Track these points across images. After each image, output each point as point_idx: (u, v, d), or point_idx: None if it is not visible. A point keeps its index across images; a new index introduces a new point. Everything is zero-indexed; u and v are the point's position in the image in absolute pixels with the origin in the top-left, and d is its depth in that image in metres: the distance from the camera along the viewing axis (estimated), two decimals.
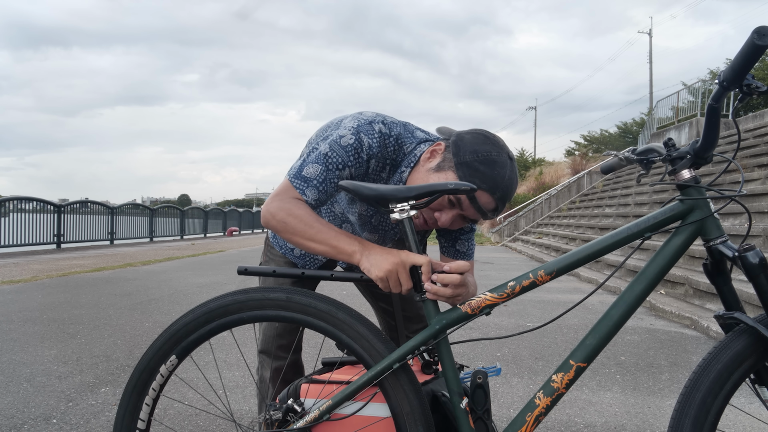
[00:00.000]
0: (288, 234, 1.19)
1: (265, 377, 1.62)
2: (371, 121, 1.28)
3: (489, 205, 1.23)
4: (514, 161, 1.26)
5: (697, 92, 15.21)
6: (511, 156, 1.26)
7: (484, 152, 1.22)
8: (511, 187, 1.24)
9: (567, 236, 12.45)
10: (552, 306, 5.44)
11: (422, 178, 1.27)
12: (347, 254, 1.15)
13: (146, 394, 1.16)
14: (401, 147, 1.32)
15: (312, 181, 1.22)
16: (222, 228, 22.90)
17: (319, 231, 1.17)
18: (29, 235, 11.48)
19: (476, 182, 1.20)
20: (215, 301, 1.16)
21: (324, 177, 1.23)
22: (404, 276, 1.11)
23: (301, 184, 1.22)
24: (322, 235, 1.17)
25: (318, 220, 1.19)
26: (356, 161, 1.25)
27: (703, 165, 1.09)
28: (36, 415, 2.33)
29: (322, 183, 1.23)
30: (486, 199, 1.22)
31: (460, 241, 1.46)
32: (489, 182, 1.21)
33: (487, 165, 1.21)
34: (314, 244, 1.17)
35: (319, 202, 1.25)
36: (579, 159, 23.70)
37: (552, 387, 1.09)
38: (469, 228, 1.46)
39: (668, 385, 2.94)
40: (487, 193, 1.22)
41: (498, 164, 1.22)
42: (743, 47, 0.93)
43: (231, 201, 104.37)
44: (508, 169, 1.23)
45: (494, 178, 1.21)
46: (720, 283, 1.09)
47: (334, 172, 1.23)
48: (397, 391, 1.09)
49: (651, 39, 27.99)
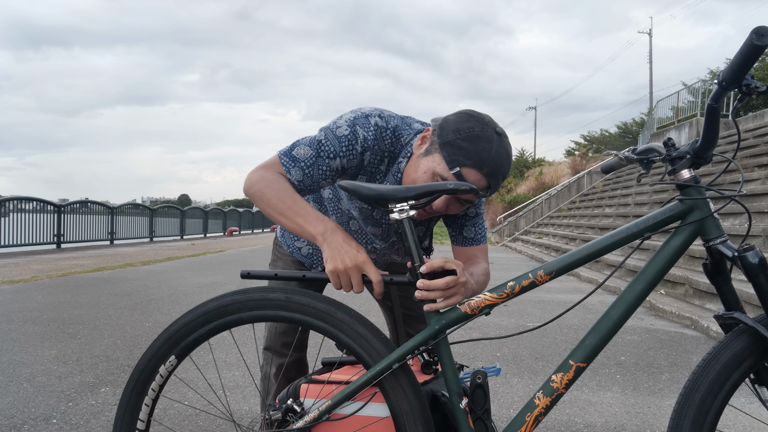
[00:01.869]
0: (262, 204, 1.22)
1: (268, 374, 1.63)
2: (368, 114, 1.30)
3: (479, 182, 1.21)
4: (503, 136, 1.22)
5: (697, 92, 15.20)
6: (500, 131, 1.22)
7: (466, 129, 1.20)
8: (499, 161, 1.20)
9: (567, 236, 12.45)
10: (552, 306, 5.44)
11: (413, 165, 1.27)
12: (311, 236, 1.16)
13: (146, 394, 1.16)
14: (398, 139, 1.33)
15: (300, 162, 1.25)
16: (222, 228, 22.89)
17: (289, 207, 1.18)
18: (29, 235, 11.47)
19: (460, 159, 1.18)
20: (214, 302, 1.15)
21: (313, 162, 1.25)
22: (356, 279, 1.11)
23: (288, 162, 1.25)
24: (292, 211, 1.18)
25: (293, 197, 1.20)
26: (349, 153, 1.27)
27: (702, 165, 1.09)
28: (36, 415, 2.33)
29: (310, 167, 1.25)
30: (474, 176, 1.20)
31: (467, 227, 1.44)
32: (473, 158, 1.18)
33: (470, 141, 1.18)
34: (284, 219, 1.19)
35: (303, 185, 1.26)
36: (579, 159, 23.70)
37: (551, 387, 1.09)
38: (474, 213, 1.44)
39: (668, 385, 2.94)
40: (474, 170, 1.19)
41: (482, 139, 1.19)
42: (742, 47, 0.93)
43: (231, 201, 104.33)
44: (494, 143, 1.20)
45: (479, 154, 1.18)
46: (720, 283, 1.09)
47: (324, 159, 1.25)
48: (396, 391, 1.09)
49: (651, 39, 28.02)
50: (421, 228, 1.51)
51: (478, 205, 1.44)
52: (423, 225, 1.51)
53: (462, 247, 1.44)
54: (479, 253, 1.44)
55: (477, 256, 1.43)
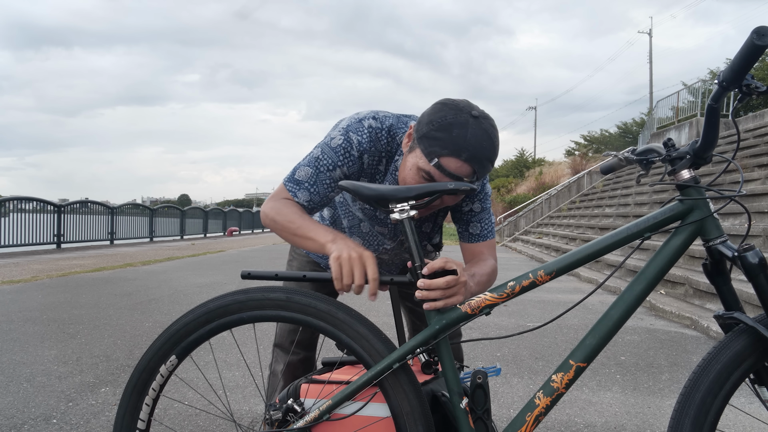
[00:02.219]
0: (278, 230, 1.28)
1: (276, 371, 1.66)
2: (362, 118, 1.33)
3: (461, 169, 1.18)
4: (481, 118, 1.19)
5: (697, 92, 15.20)
6: (477, 114, 1.19)
7: (439, 119, 1.19)
8: (478, 144, 1.17)
9: (567, 236, 12.45)
10: (552, 306, 5.44)
11: (402, 162, 1.28)
12: (321, 245, 1.19)
13: (146, 394, 1.17)
14: (394, 138, 1.35)
15: (303, 183, 1.30)
16: (222, 228, 22.89)
17: (300, 226, 1.23)
18: (29, 235, 11.47)
19: (436, 150, 1.17)
20: (215, 301, 1.16)
21: (315, 179, 1.30)
22: (359, 270, 1.12)
23: (293, 186, 1.31)
24: (303, 229, 1.23)
25: (301, 216, 1.26)
26: (347, 160, 1.30)
27: (702, 165, 1.09)
28: (36, 415, 2.33)
29: (313, 185, 1.30)
30: (454, 164, 1.18)
31: (473, 223, 1.43)
32: (449, 146, 1.17)
33: (443, 130, 1.17)
34: (297, 238, 1.24)
35: (312, 203, 1.32)
36: (579, 159, 23.71)
37: (552, 387, 1.09)
38: (480, 208, 1.43)
39: (668, 385, 2.94)
40: (452, 158, 1.17)
41: (456, 125, 1.17)
42: (743, 47, 0.93)
43: (231, 201, 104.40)
44: (470, 127, 1.17)
45: (454, 141, 1.17)
46: (720, 283, 1.09)
47: (325, 173, 1.30)
48: (396, 391, 1.09)
49: (651, 39, 28.03)
50: (428, 224, 1.52)
51: (483, 200, 1.43)
52: (430, 221, 1.51)
53: (469, 243, 1.44)
54: (486, 249, 1.43)
55: (484, 252, 1.43)
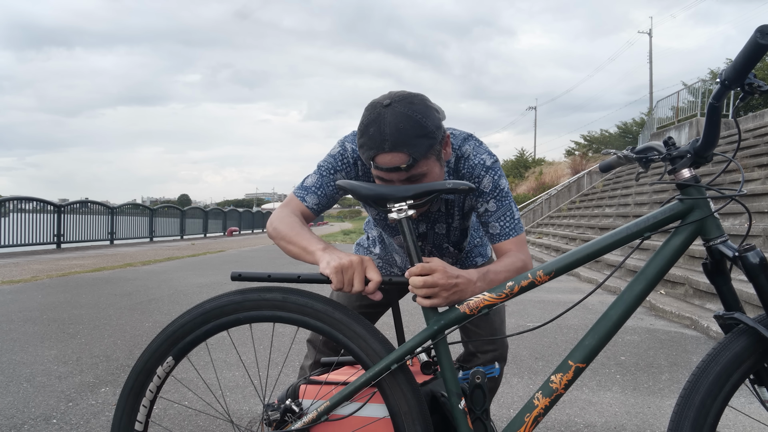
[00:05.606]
0: (278, 239, 1.32)
1: (305, 366, 1.70)
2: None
3: (395, 159, 1.17)
4: (394, 104, 1.17)
5: (697, 92, 15.19)
6: (388, 102, 1.18)
7: (360, 126, 1.21)
8: (395, 130, 1.15)
9: (567, 236, 12.44)
10: (552, 306, 5.43)
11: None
12: (311, 253, 1.21)
13: (143, 395, 1.16)
14: None
15: (310, 188, 1.40)
16: (222, 228, 22.90)
17: (296, 234, 1.27)
18: (29, 235, 11.47)
19: (368, 153, 1.19)
20: (211, 302, 1.15)
21: (320, 183, 1.40)
22: (359, 276, 1.11)
23: (302, 192, 1.40)
24: (297, 237, 1.26)
25: (299, 226, 1.30)
26: (344, 165, 1.40)
27: (703, 164, 1.09)
28: (36, 415, 2.33)
29: (320, 188, 1.39)
30: (385, 159, 1.17)
31: (491, 224, 1.38)
32: (372, 145, 1.17)
33: (364, 135, 1.19)
34: (292, 246, 1.27)
35: (320, 205, 1.40)
36: (579, 159, 23.69)
37: (551, 387, 1.08)
38: (495, 207, 1.37)
39: (668, 385, 2.94)
40: (380, 153, 1.17)
41: (370, 124, 1.18)
42: (746, 46, 0.92)
43: (231, 201, 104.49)
44: (383, 118, 1.16)
45: (372, 138, 1.17)
46: (720, 283, 1.08)
47: (327, 177, 1.40)
48: (395, 392, 1.09)
49: (651, 39, 28.02)
50: (441, 225, 1.49)
51: (499, 199, 1.37)
52: (442, 221, 1.49)
53: (494, 244, 1.39)
54: (512, 247, 1.36)
55: (510, 249, 1.36)
